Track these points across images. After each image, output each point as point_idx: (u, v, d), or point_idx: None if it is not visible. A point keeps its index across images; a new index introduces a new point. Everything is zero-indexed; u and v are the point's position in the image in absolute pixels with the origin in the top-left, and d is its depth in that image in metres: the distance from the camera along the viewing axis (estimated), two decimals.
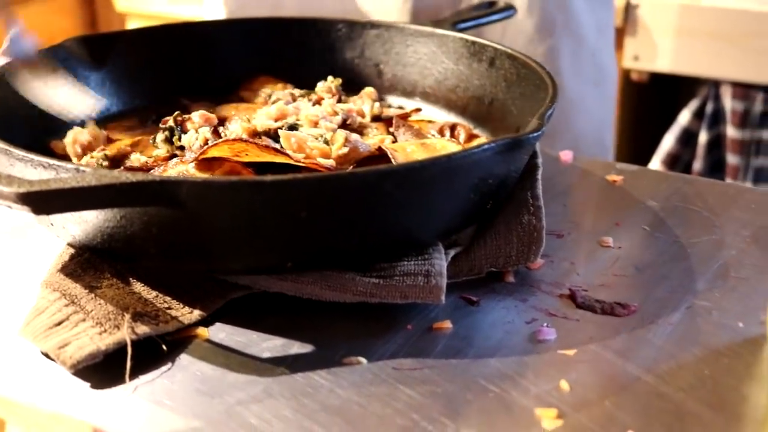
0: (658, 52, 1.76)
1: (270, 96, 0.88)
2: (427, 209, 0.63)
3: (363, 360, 0.60)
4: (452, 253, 0.68)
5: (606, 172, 0.87)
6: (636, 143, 1.94)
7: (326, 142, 0.73)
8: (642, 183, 0.85)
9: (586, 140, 1.21)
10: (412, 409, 0.55)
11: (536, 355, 0.61)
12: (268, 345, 0.62)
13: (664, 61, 1.77)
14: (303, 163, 0.69)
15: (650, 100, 1.95)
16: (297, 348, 0.61)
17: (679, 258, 0.72)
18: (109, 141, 0.81)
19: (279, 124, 0.76)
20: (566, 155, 0.89)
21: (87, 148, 0.79)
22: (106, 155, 0.76)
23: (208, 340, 0.62)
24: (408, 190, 0.60)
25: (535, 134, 0.64)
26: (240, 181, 0.59)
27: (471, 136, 0.81)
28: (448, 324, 0.63)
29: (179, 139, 0.75)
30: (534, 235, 0.68)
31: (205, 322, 0.63)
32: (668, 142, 1.82)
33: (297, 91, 0.88)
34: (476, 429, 0.54)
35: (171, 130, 0.76)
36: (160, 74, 0.92)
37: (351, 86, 0.89)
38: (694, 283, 0.69)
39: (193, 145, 0.74)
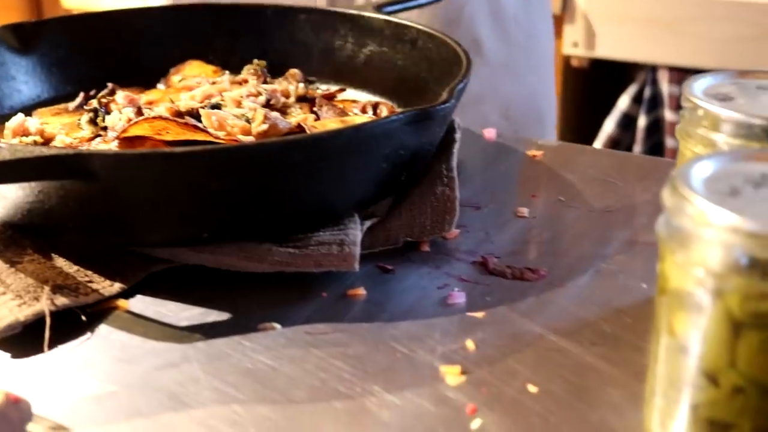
0: (596, 38, 1.80)
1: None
2: (338, 180, 0.65)
3: (277, 326, 0.62)
4: (368, 223, 0.70)
5: (527, 148, 0.89)
6: (578, 128, 1.98)
7: (248, 121, 0.74)
8: (561, 157, 0.87)
9: (517, 107, 1.23)
10: (322, 369, 0.57)
11: (445, 317, 0.63)
12: (186, 314, 0.63)
13: (603, 47, 1.80)
14: (223, 140, 0.71)
15: (591, 86, 1.98)
16: (214, 316, 0.63)
17: (591, 226, 0.75)
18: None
19: (202, 104, 0.78)
20: (490, 132, 0.92)
21: (20, 134, 0.80)
22: (35, 141, 0.77)
23: (129, 311, 0.64)
24: (317, 161, 0.62)
25: (443, 106, 0.66)
26: (150, 153, 0.60)
27: (393, 114, 0.83)
28: (361, 291, 0.65)
29: (103, 120, 0.77)
30: (448, 205, 0.71)
31: (126, 294, 0.65)
32: (609, 126, 1.85)
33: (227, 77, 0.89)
34: (382, 386, 0.56)
35: (95, 111, 0.77)
36: (92, 60, 0.93)
37: (281, 70, 0.91)
38: (604, 249, 0.71)
39: (116, 126, 0.75)
